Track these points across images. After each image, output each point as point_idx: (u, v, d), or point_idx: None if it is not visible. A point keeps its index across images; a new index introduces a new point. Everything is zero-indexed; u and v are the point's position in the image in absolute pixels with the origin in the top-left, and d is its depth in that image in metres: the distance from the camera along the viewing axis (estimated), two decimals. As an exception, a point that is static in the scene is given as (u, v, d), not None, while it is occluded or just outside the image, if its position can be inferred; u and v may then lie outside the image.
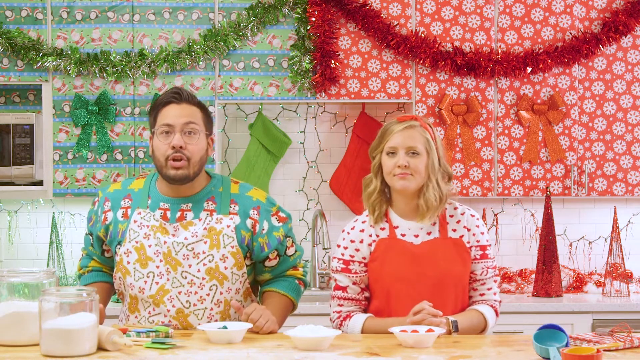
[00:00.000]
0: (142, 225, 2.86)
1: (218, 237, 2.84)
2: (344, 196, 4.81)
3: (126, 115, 4.50)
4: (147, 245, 2.84)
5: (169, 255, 2.82)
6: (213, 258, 2.83)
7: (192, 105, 2.87)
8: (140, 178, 2.99)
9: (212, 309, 2.85)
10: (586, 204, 4.88)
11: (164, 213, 2.87)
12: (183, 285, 2.83)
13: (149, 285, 2.84)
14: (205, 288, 2.83)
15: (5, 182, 4.47)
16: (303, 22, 4.52)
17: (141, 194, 2.91)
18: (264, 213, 2.90)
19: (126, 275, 2.87)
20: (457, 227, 2.87)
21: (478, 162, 4.56)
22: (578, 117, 4.58)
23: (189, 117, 2.83)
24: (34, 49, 4.44)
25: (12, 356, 2.41)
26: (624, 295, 4.56)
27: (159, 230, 2.84)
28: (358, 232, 2.89)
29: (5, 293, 2.55)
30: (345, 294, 2.88)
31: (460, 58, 4.52)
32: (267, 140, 4.76)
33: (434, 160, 2.84)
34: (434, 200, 2.82)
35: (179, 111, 2.83)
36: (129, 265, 2.85)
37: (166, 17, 4.52)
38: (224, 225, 2.86)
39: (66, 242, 4.75)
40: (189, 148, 2.81)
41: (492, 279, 2.87)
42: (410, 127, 2.84)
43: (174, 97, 2.85)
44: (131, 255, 2.85)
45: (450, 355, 2.44)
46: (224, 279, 2.85)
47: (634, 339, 2.51)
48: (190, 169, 2.82)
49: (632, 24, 4.54)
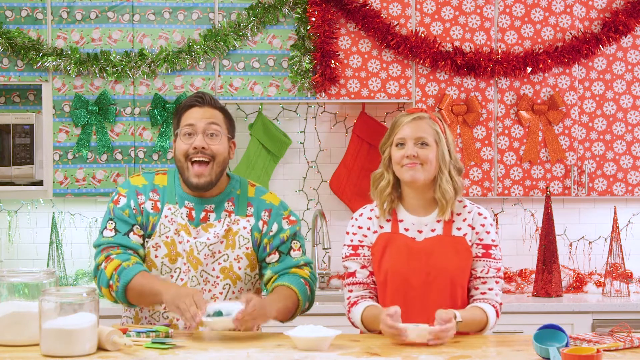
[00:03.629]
0: (172, 221, 2.89)
1: (234, 238, 2.90)
2: (344, 196, 4.81)
3: (126, 115, 4.50)
4: (178, 241, 2.88)
5: (190, 254, 2.87)
6: (228, 258, 2.89)
7: (214, 108, 2.92)
8: (161, 174, 2.99)
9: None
10: (586, 204, 4.88)
11: (189, 212, 2.90)
12: (199, 283, 2.88)
13: (175, 280, 2.88)
14: (219, 287, 2.89)
15: (5, 182, 4.47)
16: (303, 22, 4.52)
17: (168, 190, 2.94)
18: (274, 216, 2.95)
19: (152, 269, 2.88)
20: (462, 225, 2.86)
21: (478, 162, 4.56)
22: (578, 117, 4.58)
23: (212, 119, 2.89)
24: (34, 49, 4.44)
25: (12, 356, 2.41)
26: (624, 295, 4.55)
27: (184, 228, 2.88)
28: (366, 219, 2.92)
29: (5, 293, 2.55)
30: (354, 279, 2.88)
31: (460, 58, 4.52)
32: (267, 140, 4.76)
33: (444, 152, 2.84)
34: (451, 192, 2.82)
35: (202, 113, 2.89)
36: (157, 260, 2.88)
37: (166, 17, 4.52)
38: (241, 226, 2.91)
39: (66, 242, 4.75)
40: (212, 148, 2.86)
41: (494, 280, 2.84)
42: (419, 119, 2.85)
43: (197, 100, 2.91)
44: (160, 249, 2.88)
45: (450, 356, 2.44)
46: (237, 279, 2.90)
47: (634, 339, 2.51)
48: (213, 171, 2.86)
49: (632, 24, 4.55)
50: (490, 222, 2.88)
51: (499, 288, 2.85)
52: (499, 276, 2.86)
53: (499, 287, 2.86)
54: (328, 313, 4.19)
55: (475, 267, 2.85)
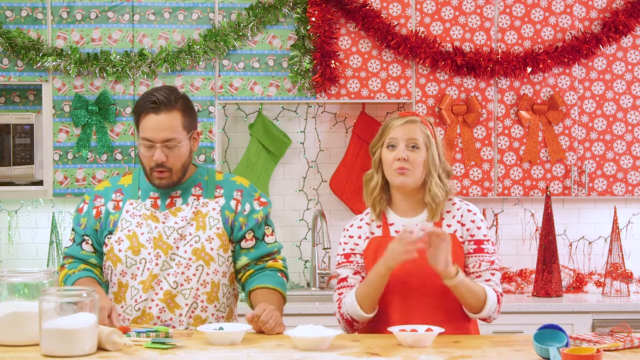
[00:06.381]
0: (134, 214, 2.94)
1: (204, 220, 2.92)
2: (344, 196, 4.81)
3: (126, 115, 4.51)
4: (140, 233, 2.92)
5: (159, 240, 2.90)
6: (199, 239, 2.91)
7: (169, 111, 2.87)
8: (127, 175, 3.07)
9: (198, 289, 2.90)
10: (586, 204, 4.88)
11: (154, 202, 2.95)
12: (171, 267, 2.89)
13: (141, 272, 2.90)
14: (192, 268, 2.90)
15: (5, 182, 4.48)
16: (303, 22, 4.52)
17: (131, 188, 3.00)
18: (246, 196, 2.99)
19: (117, 263, 2.92)
20: (452, 222, 2.87)
21: (478, 162, 4.56)
22: (578, 117, 4.58)
23: (168, 133, 2.85)
24: (34, 49, 4.44)
25: (12, 356, 2.41)
26: (624, 295, 4.56)
27: (150, 217, 2.92)
28: (356, 229, 2.94)
29: (5, 293, 2.56)
30: (346, 283, 2.87)
31: (460, 58, 4.52)
32: (267, 140, 4.76)
33: (433, 156, 2.85)
34: (441, 196, 2.84)
35: (158, 124, 2.85)
36: (120, 253, 2.91)
37: (166, 17, 4.52)
38: (210, 208, 2.94)
39: (66, 242, 4.74)
40: (170, 160, 2.88)
41: (489, 272, 2.82)
42: (411, 122, 2.87)
43: (151, 106, 2.86)
44: (123, 243, 2.92)
45: (450, 356, 2.44)
46: (211, 260, 2.91)
47: (634, 339, 2.51)
48: (173, 177, 2.91)
49: (632, 24, 4.54)
50: (480, 217, 2.89)
51: (496, 279, 2.85)
52: (494, 268, 2.85)
53: (496, 278, 2.85)
54: (328, 313, 4.18)
55: (468, 263, 2.85)
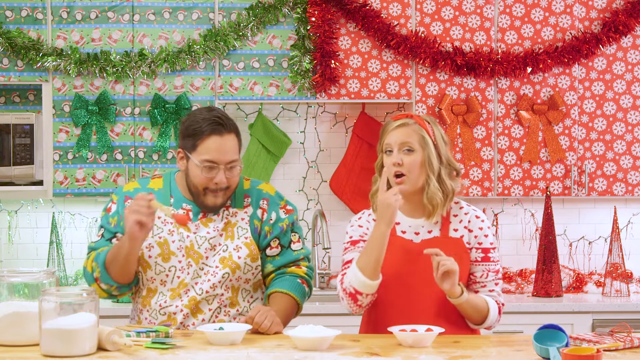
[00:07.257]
0: (165, 221, 2.92)
1: (233, 230, 2.93)
2: (344, 196, 4.81)
3: (126, 115, 4.50)
4: (171, 240, 2.91)
5: (191, 249, 2.90)
6: (227, 248, 2.92)
7: (232, 134, 2.87)
8: (156, 178, 3.03)
9: (222, 294, 2.91)
10: (586, 204, 4.88)
11: (186, 213, 2.93)
12: (200, 276, 2.90)
13: (171, 279, 2.90)
14: (218, 276, 2.90)
15: (5, 182, 4.47)
16: (303, 22, 4.52)
17: (163, 193, 2.96)
18: (272, 205, 2.99)
19: (146, 269, 2.91)
20: (458, 227, 2.86)
21: (478, 162, 4.56)
22: (578, 117, 4.58)
23: (233, 154, 2.86)
24: (34, 49, 4.44)
25: (12, 356, 2.41)
26: (624, 295, 4.56)
27: (182, 226, 2.91)
28: (365, 221, 2.93)
29: (5, 293, 2.56)
30: (350, 265, 2.83)
31: (460, 58, 4.52)
32: (267, 140, 4.76)
33: (430, 157, 2.83)
34: (438, 197, 2.83)
35: (223, 146, 2.84)
36: (150, 260, 2.90)
37: (166, 17, 4.52)
38: (239, 218, 2.95)
39: (66, 242, 4.75)
40: (231, 181, 2.89)
41: (494, 282, 2.85)
42: (403, 125, 2.86)
43: (217, 128, 2.84)
44: (153, 249, 2.90)
45: (450, 356, 2.44)
46: (237, 268, 2.91)
47: (634, 339, 2.51)
48: (227, 196, 2.91)
49: (632, 24, 4.54)
50: (487, 224, 2.89)
51: (499, 289, 2.88)
52: (498, 278, 2.87)
53: (499, 288, 2.88)
54: (328, 313, 4.19)
55: (474, 272, 2.85)
